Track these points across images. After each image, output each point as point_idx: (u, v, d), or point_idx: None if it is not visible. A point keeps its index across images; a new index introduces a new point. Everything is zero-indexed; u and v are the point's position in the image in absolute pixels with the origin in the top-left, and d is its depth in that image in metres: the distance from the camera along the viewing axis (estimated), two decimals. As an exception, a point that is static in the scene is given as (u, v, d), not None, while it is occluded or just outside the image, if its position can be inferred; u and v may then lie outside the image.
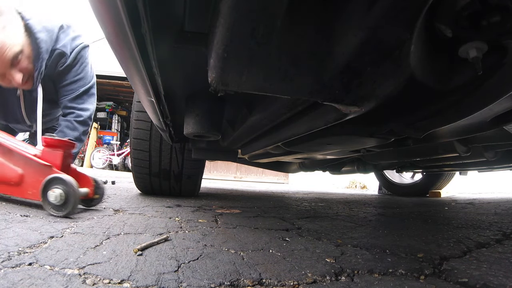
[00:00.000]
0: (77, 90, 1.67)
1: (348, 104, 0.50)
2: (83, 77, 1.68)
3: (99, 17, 0.45)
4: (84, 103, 1.71)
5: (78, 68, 1.65)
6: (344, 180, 6.36)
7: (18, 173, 1.06)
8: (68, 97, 1.67)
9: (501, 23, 0.41)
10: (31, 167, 1.06)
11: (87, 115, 1.72)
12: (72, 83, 1.66)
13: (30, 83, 1.52)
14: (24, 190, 1.06)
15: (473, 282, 0.54)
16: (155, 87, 0.68)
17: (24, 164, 1.07)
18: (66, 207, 0.96)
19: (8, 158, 1.08)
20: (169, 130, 1.19)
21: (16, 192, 1.08)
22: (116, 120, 8.49)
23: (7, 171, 1.07)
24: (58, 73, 1.61)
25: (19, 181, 1.06)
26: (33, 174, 1.05)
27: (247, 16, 0.39)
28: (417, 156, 1.57)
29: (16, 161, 1.07)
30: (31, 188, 1.04)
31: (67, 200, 0.96)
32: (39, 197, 0.99)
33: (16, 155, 1.08)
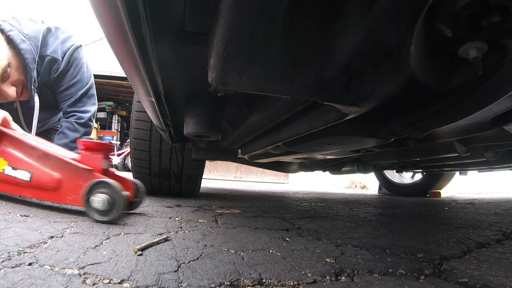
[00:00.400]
0: (75, 94, 1.65)
1: (348, 104, 0.50)
2: (79, 79, 1.65)
3: (99, 17, 0.45)
4: (84, 105, 1.69)
5: (73, 71, 1.62)
6: (344, 180, 6.36)
7: (56, 178, 1.00)
8: (67, 102, 1.65)
9: (501, 23, 0.41)
10: (70, 172, 1.01)
11: (87, 117, 1.70)
12: (69, 87, 1.63)
13: (26, 94, 1.50)
14: (62, 196, 1.00)
15: (473, 282, 0.54)
16: (155, 87, 0.68)
17: (62, 168, 1.01)
18: (111, 212, 0.92)
19: (43, 162, 1.03)
20: (169, 130, 1.19)
21: (53, 197, 1.02)
22: (116, 120, 8.49)
23: (43, 176, 1.01)
24: (53, 80, 1.58)
25: (56, 186, 1.00)
26: (72, 179, 1.00)
27: (247, 16, 0.39)
28: (417, 156, 1.57)
29: (53, 165, 1.02)
30: (70, 194, 0.99)
31: (113, 205, 0.91)
32: (80, 202, 0.95)
33: (52, 160, 1.02)
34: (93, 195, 0.91)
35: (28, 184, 1.02)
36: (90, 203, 0.92)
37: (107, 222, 0.91)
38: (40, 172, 1.02)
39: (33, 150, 1.05)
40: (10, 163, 1.04)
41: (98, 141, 1.07)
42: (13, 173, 1.03)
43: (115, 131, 8.38)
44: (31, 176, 1.02)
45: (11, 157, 1.05)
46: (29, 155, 1.05)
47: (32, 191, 1.04)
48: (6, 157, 1.06)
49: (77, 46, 1.63)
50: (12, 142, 1.07)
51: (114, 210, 0.92)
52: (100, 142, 1.07)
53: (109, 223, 0.90)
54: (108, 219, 0.91)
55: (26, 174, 1.02)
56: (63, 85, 1.62)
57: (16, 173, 1.03)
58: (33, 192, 1.04)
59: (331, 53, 0.45)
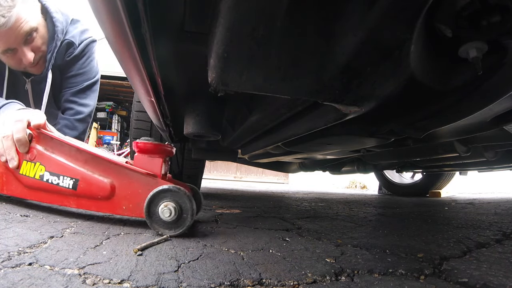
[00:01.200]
0: (81, 83, 1.66)
1: (348, 104, 0.50)
2: (87, 71, 1.67)
3: (99, 17, 0.45)
4: (86, 98, 1.68)
5: (84, 61, 1.64)
6: (344, 180, 6.36)
7: (108, 185, 0.87)
8: (71, 90, 1.65)
9: (501, 23, 0.41)
10: (126, 178, 0.88)
11: (87, 112, 1.69)
12: (77, 75, 1.64)
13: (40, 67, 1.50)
14: (115, 205, 0.87)
15: (473, 282, 0.54)
16: (155, 87, 0.68)
17: (117, 174, 0.88)
18: (180, 224, 0.80)
19: (92, 167, 0.90)
20: (169, 130, 1.19)
21: (104, 207, 0.89)
22: (116, 120, 8.49)
23: (92, 183, 0.88)
24: (65, 63, 1.60)
25: (109, 194, 0.87)
26: (129, 186, 0.87)
27: (247, 16, 0.39)
28: (417, 156, 1.58)
29: (105, 170, 0.89)
30: (126, 203, 0.86)
31: (181, 216, 0.80)
32: (139, 212, 0.83)
33: (104, 164, 0.89)
34: (159, 205, 0.80)
35: (73, 192, 0.89)
36: (154, 214, 0.80)
37: (175, 236, 0.79)
38: (87, 178, 0.88)
39: (79, 153, 0.91)
40: (48, 169, 0.91)
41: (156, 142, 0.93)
42: (54, 180, 0.90)
43: (115, 131, 8.38)
44: (76, 183, 0.89)
45: (50, 161, 0.91)
46: (74, 159, 0.91)
47: (77, 200, 0.90)
48: (44, 162, 0.92)
49: (94, 39, 1.67)
50: (51, 144, 0.94)
51: (184, 222, 0.80)
52: (159, 144, 0.93)
53: (176, 237, 0.79)
54: (177, 233, 0.80)
55: (70, 181, 0.89)
56: (71, 71, 1.63)
57: (57, 180, 0.90)
58: (78, 201, 0.91)
59: (331, 53, 0.45)
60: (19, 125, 0.94)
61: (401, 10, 0.39)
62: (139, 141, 0.92)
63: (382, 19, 0.40)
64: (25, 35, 1.33)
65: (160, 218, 0.79)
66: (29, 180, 0.93)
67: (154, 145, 0.91)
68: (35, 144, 0.95)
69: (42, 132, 0.96)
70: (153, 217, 0.80)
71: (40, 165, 0.91)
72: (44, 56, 1.47)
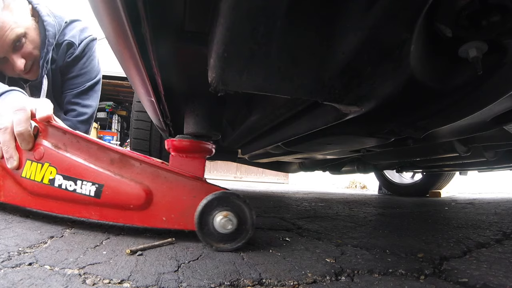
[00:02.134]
0: (83, 85, 1.62)
1: (348, 104, 0.50)
2: (89, 71, 1.63)
3: (99, 17, 0.45)
4: (88, 99, 1.65)
5: (85, 61, 1.60)
6: (344, 180, 6.36)
7: (143, 191, 0.70)
8: (73, 91, 1.62)
9: (501, 23, 0.41)
10: (166, 182, 0.72)
11: (89, 113, 1.66)
12: (78, 76, 1.61)
13: (34, 73, 1.44)
14: (153, 216, 0.71)
15: (473, 282, 0.54)
16: (155, 87, 0.68)
17: (154, 177, 0.72)
18: (239, 237, 0.68)
19: (121, 169, 0.72)
20: (169, 130, 1.19)
21: (138, 219, 0.72)
22: (116, 120, 8.49)
23: (123, 189, 0.71)
24: (66, 64, 1.56)
25: (144, 203, 0.70)
26: (170, 192, 0.71)
27: (247, 16, 0.39)
28: (417, 156, 1.58)
29: (138, 173, 0.72)
30: (166, 213, 0.71)
31: (241, 227, 0.68)
32: (185, 224, 0.70)
33: (136, 165, 0.72)
34: (215, 215, 0.67)
35: (95, 201, 0.71)
36: (207, 225, 0.67)
37: (232, 250, 0.68)
38: (115, 183, 0.71)
39: (102, 152, 0.74)
40: (62, 171, 0.73)
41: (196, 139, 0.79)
42: (69, 186, 0.72)
43: (115, 131, 8.38)
44: (99, 189, 0.71)
45: (63, 162, 0.73)
46: (95, 159, 0.73)
47: (100, 210, 0.73)
48: (56, 162, 0.73)
49: (94, 38, 1.63)
50: (64, 140, 0.76)
51: (243, 234, 0.68)
52: (201, 141, 0.79)
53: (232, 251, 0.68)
54: (235, 246, 0.68)
55: (92, 186, 0.71)
56: (72, 72, 1.59)
57: (73, 186, 0.72)
58: (102, 212, 0.73)
59: (331, 53, 0.45)
60: (21, 115, 0.76)
61: (401, 10, 0.39)
62: (174, 139, 0.79)
63: (382, 19, 0.40)
64: (12, 43, 1.26)
65: (215, 230, 0.67)
66: (34, 185, 0.75)
67: (195, 143, 0.78)
68: (42, 140, 0.76)
69: (52, 125, 0.77)
70: (205, 229, 0.67)
71: (50, 166, 0.74)
72: (38, 61, 1.41)
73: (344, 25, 0.42)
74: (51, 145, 0.75)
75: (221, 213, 0.67)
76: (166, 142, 0.80)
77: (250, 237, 0.69)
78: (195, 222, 0.67)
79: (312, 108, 0.65)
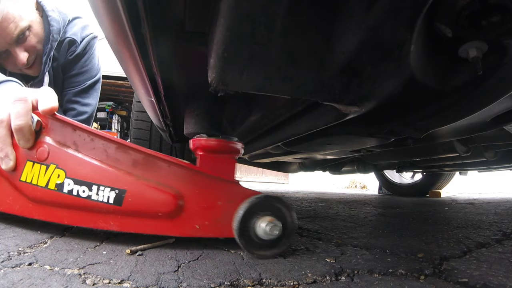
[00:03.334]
0: (83, 83, 1.61)
1: (348, 104, 0.50)
2: (89, 69, 1.62)
3: (99, 17, 0.45)
4: (89, 97, 1.64)
5: (86, 59, 1.59)
6: (344, 180, 6.36)
7: (173, 197, 0.62)
8: (73, 90, 1.60)
9: (501, 23, 0.41)
10: (198, 186, 0.64)
11: (89, 112, 1.65)
12: (79, 74, 1.59)
13: (36, 68, 1.41)
14: (185, 224, 0.64)
15: (473, 282, 0.54)
16: (155, 87, 0.68)
17: (184, 181, 0.64)
18: (279, 243, 0.63)
19: (146, 171, 0.64)
20: (169, 130, 1.19)
21: (167, 227, 0.64)
22: (116, 120, 8.49)
23: (149, 195, 0.62)
24: (67, 62, 1.55)
25: (175, 210, 0.62)
26: (204, 197, 0.64)
27: (247, 16, 0.39)
28: (417, 156, 1.58)
29: (166, 176, 0.64)
30: (200, 220, 0.64)
31: (284, 232, 0.63)
32: (221, 231, 0.64)
33: (164, 167, 0.64)
34: (257, 220, 0.62)
35: (115, 209, 0.62)
36: (247, 231, 0.62)
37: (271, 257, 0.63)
38: (140, 188, 0.62)
39: (122, 152, 0.64)
40: (72, 174, 0.62)
41: (223, 139, 0.72)
42: (81, 191, 0.62)
43: (115, 131, 8.38)
44: (121, 195, 0.61)
45: (73, 163, 0.63)
46: (114, 161, 0.64)
47: (121, 220, 0.63)
48: (64, 164, 0.63)
49: (95, 36, 1.62)
50: (74, 138, 0.65)
51: (284, 239, 0.63)
52: (230, 141, 0.72)
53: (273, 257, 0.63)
54: (277, 252, 0.63)
55: (111, 192, 0.61)
56: (73, 70, 1.58)
57: (88, 191, 0.62)
58: (123, 221, 0.63)
59: (331, 53, 0.45)
60: (20, 107, 0.64)
61: (401, 10, 0.39)
62: (200, 138, 0.72)
63: (382, 19, 0.40)
64: (16, 36, 1.24)
65: (256, 237, 0.61)
66: (37, 190, 0.64)
67: (225, 143, 0.70)
68: (46, 136, 0.65)
69: (59, 119, 0.66)
70: (245, 236, 0.62)
71: (56, 168, 0.63)
72: (40, 56, 1.38)
73: (344, 25, 0.43)
74: (58, 143, 0.65)
75: (264, 218, 0.62)
76: (192, 142, 0.74)
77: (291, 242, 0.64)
78: (234, 228, 0.61)
79: (312, 108, 0.65)
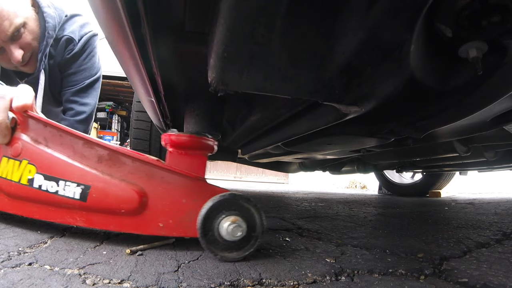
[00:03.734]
0: (82, 82, 1.58)
1: (348, 104, 0.50)
2: (88, 67, 1.59)
3: (99, 17, 0.45)
4: (87, 96, 1.61)
5: (85, 57, 1.56)
6: (344, 180, 6.36)
7: (136, 193, 0.62)
8: (72, 89, 1.57)
9: (501, 23, 0.41)
10: (163, 183, 0.63)
11: (88, 111, 1.61)
12: (77, 73, 1.56)
13: (32, 65, 1.39)
14: (148, 222, 0.63)
15: (473, 282, 0.54)
16: (155, 87, 0.68)
17: (149, 177, 0.63)
18: (247, 245, 0.61)
19: (111, 168, 0.63)
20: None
21: (130, 225, 0.63)
22: (116, 120, 8.49)
23: (112, 191, 0.62)
24: (65, 61, 1.52)
25: (138, 207, 0.62)
26: (168, 194, 0.63)
27: (247, 16, 0.39)
28: (417, 156, 1.58)
29: (130, 172, 0.63)
30: (163, 218, 0.62)
31: (250, 234, 0.61)
32: (185, 230, 0.63)
33: (128, 163, 0.64)
34: (221, 220, 0.60)
35: (80, 204, 0.63)
36: (211, 231, 0.60)
37: (239, 260, 0.61)
38: (103, 184, 0.62)
39: (89, 147, 0.64)
40: (42, 170, 0.64)
41: (195, 135, 0.69)
42: (50, 187, 0.63)
43: (115, 131, 8.38)
44: (85, 191, 0.62)
45: (44, 159, 0.64)
46: (81, 157, 0.64)
47: (86, 215, 0.64)
48: (35, 159, 0.65)
49: (94, 33, 1.59)
50: (45, 134, 0.66)
51: (251, 241, 0.61)
52: (202, 136, 0.70)
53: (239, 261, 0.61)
54: (243, 255, 0.61)
55: (76, 188, 0.62)
56: (71, 69, 1.55)
57: (56, 187, 0.63)
58: (88, 217, 0.64)
59: (331, 53, 0.45)
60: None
61: (401, 10, 0.39)
62: (172, 133, 0.69)
63: (382, 19, 0.40)
64: (11, 32, 1.22)
65: (221, 238, 0.60)
66: (11, 185, 0.66)
67: (195, 139, 0.68)
68: (21, 133, 0.67)
69: (32, 116, 0.67)
70: (208, 236, 0.60)
71: (28, 164, 0.64)
72: (36, 53, 1.36)
73: (344, 25, 0.42)
74: (30, 139, 0.66)
75: (232, 219, 0.60)
76: (162, 137, 0.72)
77: (259, 245, 0.63)
78: (197, 228, 0.60)
79: (312, 108, 0.65)
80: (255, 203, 0.64)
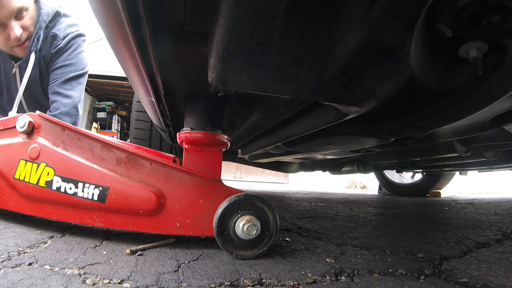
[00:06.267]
0: (67, 74, 1.65)
1: (348, 104, 0.50)
2: (74, 63, 1.67)
3: (99, 17, 0.45)
4: (72, 89, 1.66)
5: (70, 53, 1.66)
6: (344, 180, 6.36)
7: (154, 194, 0.64)
8: (57, 81, 1.65)
9: (501, 23, 0.41)
10: (180, 184, 0.65)
11: (71, 103, 1.64)
12: (62, 67, 1.65)
13: (25, 49, 1.53)
14: (165, 222, 0.65)
15: (473, 282, 0.54)
16: (155, 87, 0.68)
17: (166, 179, 0.65)
18: (261, 243, 0.63)
19: (129, 170, 0.66)
20: (169, 130, 1.19)
21: (148, 225, 0.65)
22: (116, 120, 8.49)
23: (131, 192, 0.64)
24: (50, 56, 1.63)
25: (156, 207, 0.64)
26: (185, 195, 0.65)
27: (247, 16, 0.39)
28: (417, 156, 1.58)
29: (149, 174, 0.66)
30: (180, 218, 0.65)
31: (264, 233, 0.63)
32: (201, 230, 0.65)
33: (146, 165, 0.66)
34: (236, 219, 0.62)
35: (99, 206, 0.65)
36: (226, 230, 0.62)
37: (253, 258, 0.63)
38: (122, 186, 0.64)
39: (107, 150, 0.67)
40: (60, 172, 0.66)
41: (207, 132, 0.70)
42: (68, 189, 0.66)
43: (115, 131, 8.38)
44: (104, 192, 0.64)
45: (62, 161, 0.67)
46: (99, 159, 0.67)
47: (105, 216, 0.66)
48: (53, 162, 0.67)
49: (80, 33, 1.69)
50: (63, 137, 0.69)
51: (265, 240, 0.63)
52: (212, 133, 0.70)
53: (254, 259, 0.63)
54: (258, 253, 0.63)
55: (95, 189, 0.65)
56: (57, 63, 1.65)
57: (74, 188, 0.65)
58: (107, 218, 0.66)
59: (331, 53, 0.45)
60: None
61: (401, 10, 0.39)
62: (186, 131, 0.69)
63: (382, 20, 0.40)
64: (16, 11, 1.38)
65: (236, 236, 0.61)
66: (29, 188, 0.68)
67: (210, 135, 0.68)
68: (38, 136, 0.70)
69: (49, 120, 0.70)
70: (224, 235, 0.62)
71: (46, 167, 0.67)
72: (30, 38, 1.51)
73: (344, 25, 0.42)
74: (48, 142, 0.69)
75: (247, 218, 0.61)
76: (178, 136, 0.74)
77: (273, 243, 0.64)
78: (214, 227, 0.62)
79: (312, 108, 0.65)
80: (269, 203, 0.65)
